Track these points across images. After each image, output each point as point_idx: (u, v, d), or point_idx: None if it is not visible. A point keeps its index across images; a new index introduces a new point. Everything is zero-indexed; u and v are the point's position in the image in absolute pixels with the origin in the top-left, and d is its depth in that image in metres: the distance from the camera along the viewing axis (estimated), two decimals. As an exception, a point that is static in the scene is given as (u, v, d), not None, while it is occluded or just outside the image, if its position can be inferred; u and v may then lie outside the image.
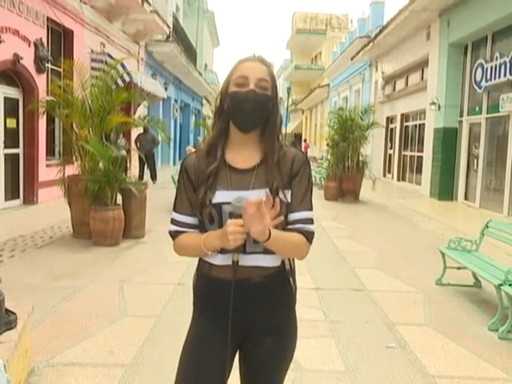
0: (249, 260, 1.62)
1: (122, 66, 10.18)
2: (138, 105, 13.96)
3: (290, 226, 1.65)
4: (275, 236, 1.52)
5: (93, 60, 12.23)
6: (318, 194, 12.90)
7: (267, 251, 1.62)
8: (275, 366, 1.74)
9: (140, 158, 13.91)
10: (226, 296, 1.60)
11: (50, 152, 11.07)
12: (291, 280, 1.73)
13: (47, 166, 10.33)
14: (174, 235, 1.72)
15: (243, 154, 1.67)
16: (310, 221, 1.67)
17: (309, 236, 1.65)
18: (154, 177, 15.19)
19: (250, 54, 1.76)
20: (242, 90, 1.61)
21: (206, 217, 1.63)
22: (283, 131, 1.82)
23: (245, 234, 1.51)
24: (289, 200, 1.64)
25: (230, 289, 1.58)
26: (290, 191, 1.65)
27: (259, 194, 1.58)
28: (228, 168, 1.65)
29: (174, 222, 1.72)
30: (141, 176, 14.25)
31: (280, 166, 1.65)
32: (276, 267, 1.66)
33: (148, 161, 14.59)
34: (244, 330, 1.69)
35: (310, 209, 1.68)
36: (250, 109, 1.60)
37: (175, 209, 1.72)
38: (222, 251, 1.60)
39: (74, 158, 7.62)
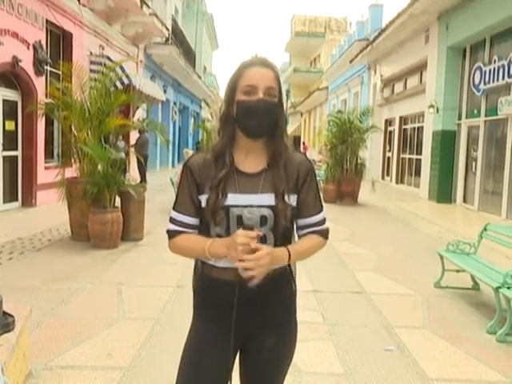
0: None
1: (121, 68, 10.18)
2: (137, 107, 13.94)
3: (304, 231, 1.72)
4: (295, 254, 1.63)
5: (92, 62, 12.23)
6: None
7: None
8: (276, 367, 1.75)
9: (139, 161, 13.89)
10: (228, 297, 1.60)
11: (49, 154, 11.06)
12: (293, 280, 1.75)
13: (46, 168, 10.32)
14: (172, 234, 1.70)
15: (251, 158, 1.68)
16: (323, 221, 1.75)
17: (323, 234, 1.74)
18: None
19: (253, 55, 1.72)
20: (251, 98, 1.60)
21: (212, 218, 1.63)
22: (287, 133, 1.82)
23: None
24: (294, 204, 1.66)
25: (233, 290, 1.58)
26: (295, 196, 1.67)
27: (267, 198, 1.61)
28: (236, 172, 1.65)
29: (173, 221, 1.70)
30: (142, 179, 14.22)
31: (287, 170, 1.66)
32: (279, 268, 1.66)
33: (139, 162, 14.53)
34: (247, 330, 1.69)
35: (321, 210, 1.75)
36: (260, 117, 1.60)
37: (175, 208, 1.71)
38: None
39: (72, 160, 7.61)
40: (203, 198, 1.65)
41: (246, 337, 1.70)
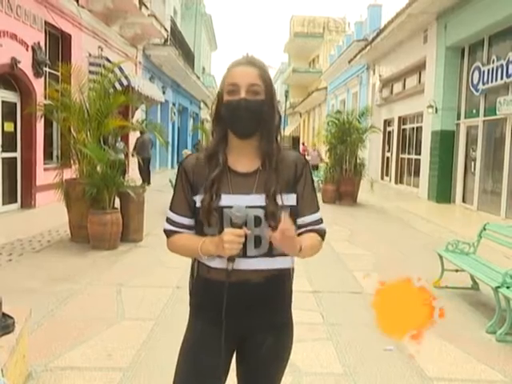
0: (249, 264, 1.62)
1: (120, 69, 10.18)
2: (136, 108, 13.95)
3: (302, 229, 1.69)
4: (304, 247, 1.58)
5: (91, 64, 12.23)
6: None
7: (268, 254, 1.63)
8: (274, 367, 1.75)
9: (139, 162, 13.95)
10: (222, 298, 1.60)
11: (48, 156, 11.06)
12: (289, 281, 1.75)
13: (45, 169, 10.31)
14: (168, 234, 1.74)
15: (244, 158, 1.68)
16: (321, 221, 1.74)
17: (322, 234, 1.73)
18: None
19: (243, 54, 1.73)
20: (234, 98, 1.60)
21: (206, 220, 1.63)
22: (281, 133, 1.81)
23: (241, 245, 1.53)
24: (291, 203, 1.65)
25: (228, 291, 1.59)
26: (294, 195, 1.67)
27: (260, 198, 1.60)
28: (229, 172, 1.65)
29: (169, 221, 1.73)
30: (143, 180, 14.25)
31: (278, 170, 1.65)
32: (276, 269, 1.67)
33: (138, 163, 14.62)
34: (243, 331, 1.70)
35: (318, 209, 1.74)
36: (244, 117, 1.60)
37: (171, 208, 1.73)
38: (220, 256, 1.60)
39: (71, 161, 7.60)
40: (198, 199, 1.66)
41: (242, 337, 1.71)
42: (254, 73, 1.62)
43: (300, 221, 1.69)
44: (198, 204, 1.65)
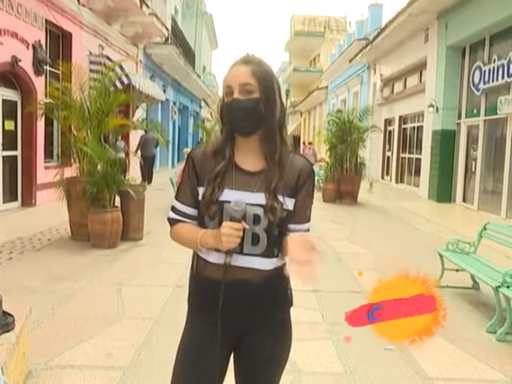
0: (245, 261, 1.62)
1: (121, 68, 10.18)
2: (137, 107, 13.93)
3: (291, 234, 1.66)
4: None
5: (91, 62, 12.23)
6: (316, 196, 12.85)
7: (264, 254, 1.63)
8: (272, 367, 1.75)
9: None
10: (219, 297, 1.60)
11: (49, 154, 11.07)
12: (287, 281, 1.74)
13: (45, 168, 10.32)
14: (172, 222, 1.74)
15: (250, 156, 1.69)
16: (308, 231, 1.74)
17: None
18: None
19: (245, 54, 1.73)
20: (228, 100, 1.62)
21: (206, 213, 1.64)
22: (286, 128, 1.80)
23: (239, 238, 1.54)
24: (288, 207, 1.64)
25: (226, 290, 1.59)
26: (293, 200, 1.67)
27: (262, 197, 1.61)
28: (235, 168, 1.66)
29: (173, 209, 1.74)
30: (143, 179, 14.22)
31: (282, 167, 1.65)
32: (272, 270, 1.66)
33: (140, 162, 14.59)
34: (241, 331, 1.69)
35: (309, 220, 1.75)
36: (238, 117, 1.61)
37: (176, 197, 1.74)
38: (217, 249, 1.61)
39: (72, 160, 7.61)
40: (201, 190, 1.67)
41: (240, 337, 1.70)
42: (246, 72, 1.61)
43: (292, 227, 1.68)
44: (201, 196, 1.66)
